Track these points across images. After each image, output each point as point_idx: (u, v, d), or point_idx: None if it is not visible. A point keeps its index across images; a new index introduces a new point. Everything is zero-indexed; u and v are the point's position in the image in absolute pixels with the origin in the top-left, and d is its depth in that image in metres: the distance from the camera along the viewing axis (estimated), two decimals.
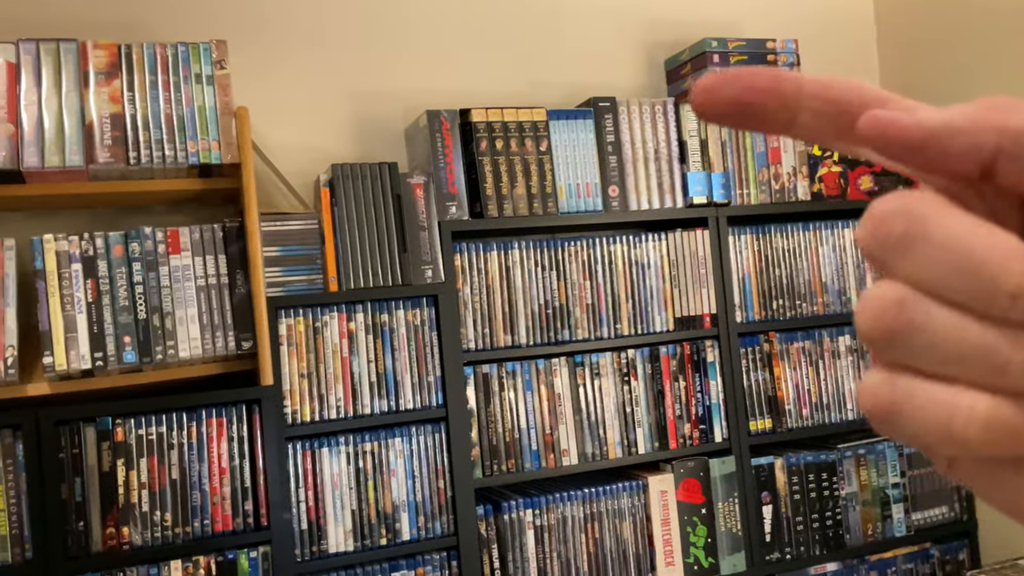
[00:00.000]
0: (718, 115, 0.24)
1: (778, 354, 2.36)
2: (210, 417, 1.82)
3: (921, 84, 2.68)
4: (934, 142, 0.22)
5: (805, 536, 2.33)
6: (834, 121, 0.24)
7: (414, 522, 2.00)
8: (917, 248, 0.21)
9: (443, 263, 2.06)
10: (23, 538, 1.70)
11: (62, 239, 1.79)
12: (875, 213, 0.22)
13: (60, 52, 1.80)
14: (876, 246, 0.22)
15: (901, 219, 0.22)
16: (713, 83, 0.24)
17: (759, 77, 0.24)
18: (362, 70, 2.30)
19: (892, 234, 0.22)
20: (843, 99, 0.24)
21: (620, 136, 2.25)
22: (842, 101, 0.24)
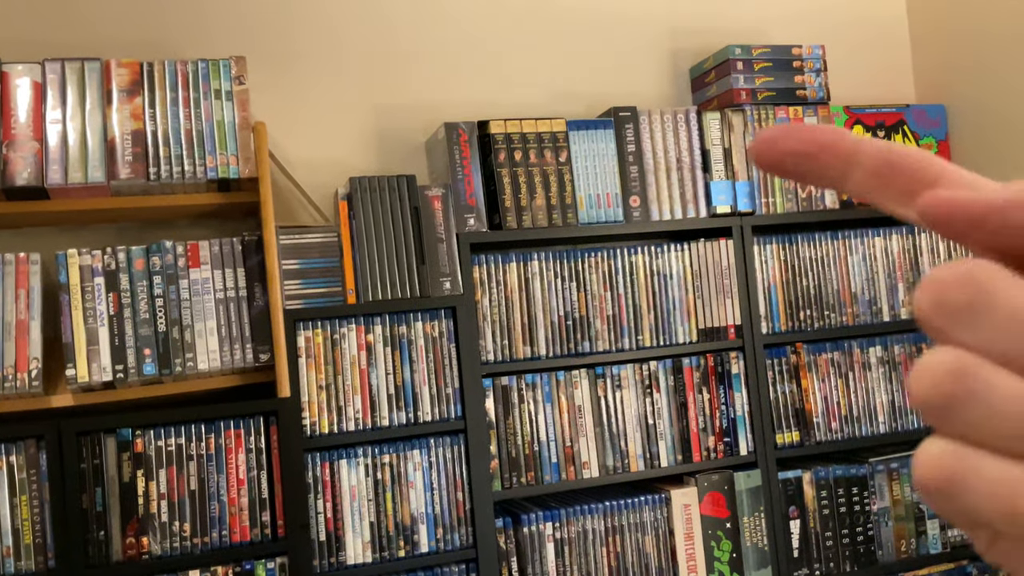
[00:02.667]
0: (776, 164, 0.25)
1: (806, 365, 2.31)
2: (228, 429, 1.84)
3: (956, 90, 2.62)
4: (995, 216, 0.22)
5: (835, 552, 2.27)
6: (889, 184, 0.24)
7: (433, 534, 2.00)
8: (983, 318, 0.21)
9: (461, 275, 2.06)
10: (46, 546, 1.74)
11: (85, 253, 1.82)
12: (938, 280, 0.22)
13: (85, 71, 1.85)
14: (939, 314, 0.22)
15: (968, 288, 0.21)
16: (776, 135, 0.25)
17: (821, 133, 0.25)
18: (381, 83, 2.32)
19: (957, 303, 0.21)
20: (901, 164, 0.24)
21: (641, 146, 2.24)
22: (900, 166, 0.24)
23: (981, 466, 0.21)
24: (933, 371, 0.21)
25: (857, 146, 0.25)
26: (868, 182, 0.25)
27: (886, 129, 2.49)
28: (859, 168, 0.25)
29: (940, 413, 0.21)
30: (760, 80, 2.36)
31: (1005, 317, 0.21)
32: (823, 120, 2.40)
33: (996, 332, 0.21)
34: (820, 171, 0.25)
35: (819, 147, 0.25)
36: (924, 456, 0.22)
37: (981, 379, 0.21)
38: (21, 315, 1.78)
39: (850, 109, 2.46)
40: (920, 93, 2.75)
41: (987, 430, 0.21)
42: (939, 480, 0.21)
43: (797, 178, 0.26)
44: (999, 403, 0.21)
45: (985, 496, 0.21)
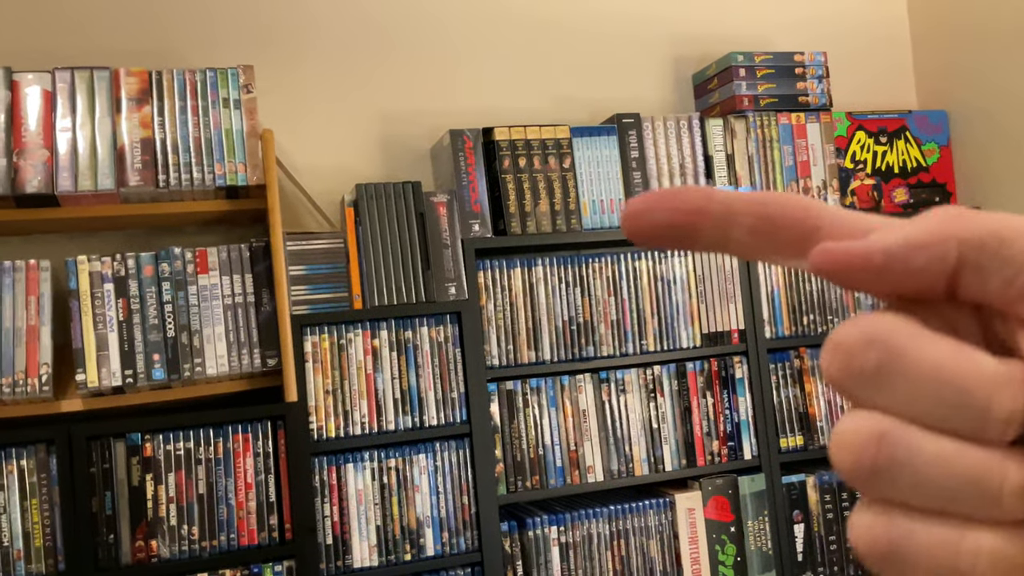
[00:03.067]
0: (649, 239, 0.24)
1: (809, 370, 2.33)
2: (236, 433, 1.86)
3: (958, 95, 2.63)
4: (896, 263, 0.21)
5: (839, 556, 2.28)
6: (771, 238, 0.23)
7: (438, 538, 2.01)
8: (895, 380, 0.20)
9: (466, 280, 2.08)
10: (56, 550, 1.76)
11: (95, 260, 1.85)
12: (842, 344, 0.21)
13: (94, 80, 1.87)
14: (849, 381, 0.21)
15: (873, 351, 0.20)
16: (640, 208, 0.23)
17: (686, 198, 0.23)
18: (387, 91, 2.34)
19: (865, 368, 0.20)
20: (779, 216, 0.23)
21: (644, 152, 2.25)
22: (778, 218, 0.23)
23: (916, 531, 0.21)
24: (852, 439, 0.21)
25: (728, 205, 0.23)
26: (749, 241, 0.23)
27: (888, 135, 2.50)
28: (736, 228, 0.23)
29: (865, 482, 0.21)
30: (762, 87, 2.37)
31: (917, 377, 0.20)
32: (825, 126, 2.42)
33: (910, 393, 0.20)
34: (695, 238, 0.23)
35: (688, 214, 0.23)
36: (856, 528, 0.21)
37: (902, 444, 0.20)
38: (32, 321, 1.81)
39: (852, 115, 2.47)
40: (922, 99, 2.77)
41: (916, 495, 0.21)
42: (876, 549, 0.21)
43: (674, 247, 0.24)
44: (922, 467, 0.20)
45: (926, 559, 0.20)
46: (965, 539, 0.20)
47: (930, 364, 0.20)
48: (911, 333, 0.21)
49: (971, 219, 0.21)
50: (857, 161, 2.47)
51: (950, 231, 0.21)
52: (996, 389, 0.20)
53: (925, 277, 0.21)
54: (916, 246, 0.21)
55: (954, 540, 0.20)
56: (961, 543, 0.20)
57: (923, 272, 0.21)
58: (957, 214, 0.21)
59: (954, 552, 0.20)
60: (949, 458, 0.20)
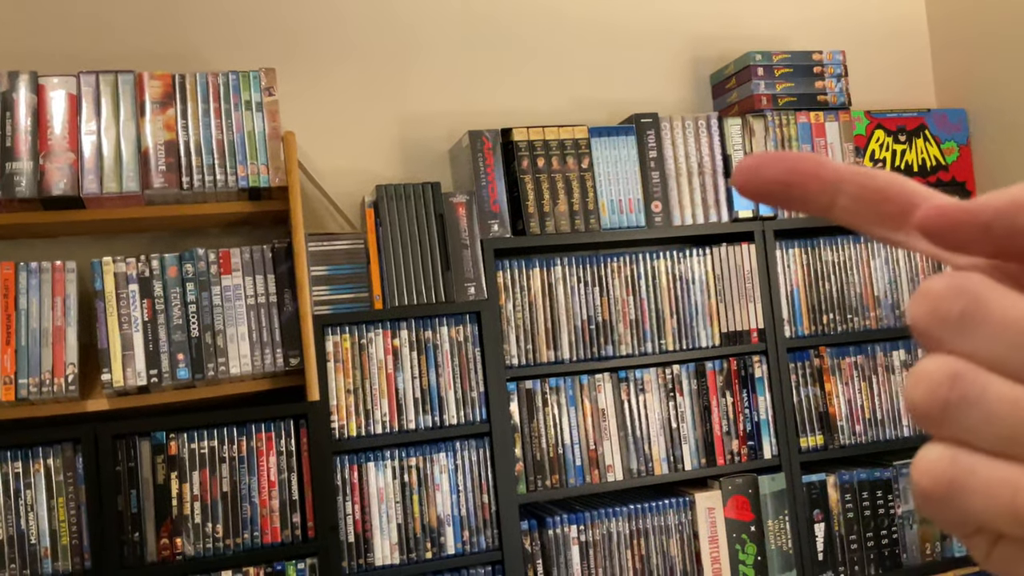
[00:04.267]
0: (760, 193, 0.25)
1: (829, 369, 2.32)
2: (259, 432, 1.88)
3: (977, 94, 2.62)
4: (1004, 220, 0.22)
5: (860, 555, 2.28)
6: (874, 207, 0.25)
7: (459, 536, 2.02)
8: (977, 326, 0.22)
9: (486, 280, 2.09)
10: (82, 547, 1.78)
11: (120, 261, 1.87)
12: (931, 292, 0.22)
13: (118, 83, 1.89)
14: (935, 325, 0.22)
15: (960, 298, 0.22)
16: (757, 163, 0.25)
17: (802, 160, 0.25)
18: (407, 93, 2.36)
19: (951, 313, 0.22)
20: (884, 188, 0.25)
21: (663, 152, 2.26)
22: (883, 190, 0.25)
23: (979, 468, 0.21)
24: (929, 378, 0.22)
25: (839, 173, 0.25)
26: (853, 208, 0.25)
27: (907, 134, 2.50)
28: (843, 195, 0.25)
29: (936, 419, 0.22)
30: (781, 86, 2.37)
31: (997, 325, 0.21)
32: (844, 125, 2.41)
33: (989, 340, 0.21)
34: (805, 198, 0.25)
35: (802, 175, 0.25)
36: (922, 462, 0.22)
37: (976, 384, 0.21)
38: (58, 322, 1.83)
39: (871, 114, 2.47)
40: (941, 97, 2.76)
41: (983, 434, 0.21)
42: (938, 485, 0.22)
43: (781, 205, 0.26)
44: (994, 406, 0.21)
45: (984, 498, 0.21)
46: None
47: (1011, 313, 0.21)
48: (998, 288, 0.22)
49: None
50: (876, 160, 2.46)
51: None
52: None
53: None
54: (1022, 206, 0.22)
55: (1015, 479, 0.21)
56: (1021, 482, 0.21)
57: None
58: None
59: (1013, 491, 0.21)
60: (1019, 401, 0.21)
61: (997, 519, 0.21)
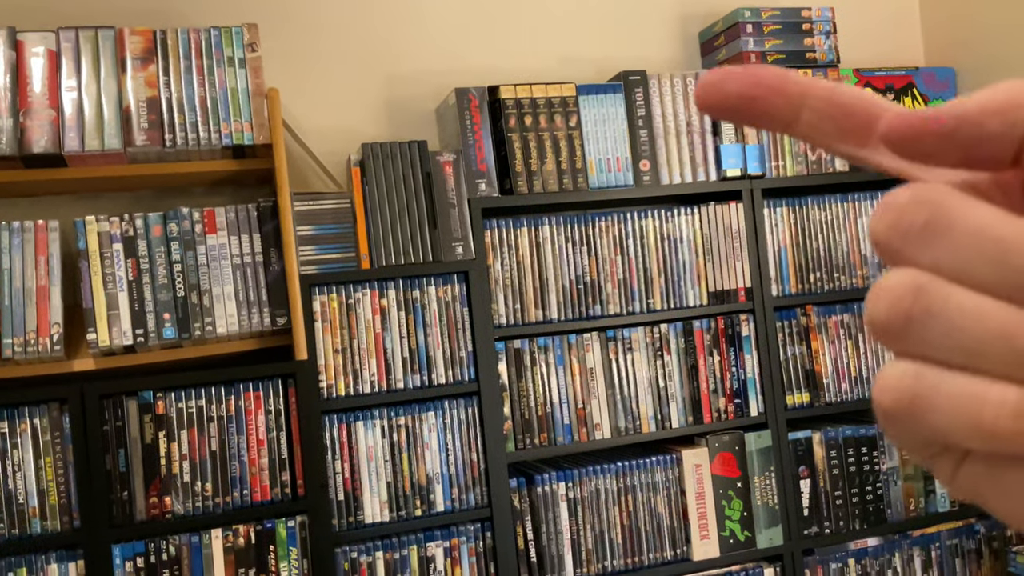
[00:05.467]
0: (721, 108, 0.24)
1: (816, 327, 2.33)
2: (247, 391, 1.88)
3: (966, 52, 2.61)
4: (969, 127, 0.21)
5: (845, 511, 2.31)
6: (838, 123, 0.24)
7: (448, 494, 2.03)
8: (941, 236, 0.21)
9: (473, 240, 2.08)
10: (71, 507, 1.78)
11: (103, 220, 1.85)
12: (894, 203, 0.21)
13: (98, 39, 1.86)
14: (897, 237, 0.21)
15: (924, 208, 0.21)
16: (720, 77, 0.24)
17: (766, 74, 0.24)
18: (392, 50, 2.33)
19: (914, 224, 0.21)
20: (849, 103, 0.24)
21: (651, 110, 2.25)
22: (848, 105, 0.24)
23: (943, 383, 0.21)
24: (890, 291, 0.21)
25: (803, 87, 0.24)
26: (816, 123, 0.24)
27: (895, 92, 2.49)
28: (807, 110, 0.24)
29: (898, 333, 0.21)
30: (769, 43, 2.36)
31: (961, 234, 0.21)
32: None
33: (952, 250, 0.21)
34: (767, 114, 0.24)
35: (766, 89, 0.24)
36: (884, 380, 0.21)
37: (939, 296, 0.21)
38: (41, 281, 1.81)
39: (860, 72, 2.46)
40: (929, 55, 2.75)
41: (946, 347, 0.21)
42: (900, 402, 0.21)
43: (744, 121, 0.25)
44: (957, 318, 0.20)
45: (949, 412, 0.20)
46: (991, 391, 0.20)
47: (977, 223, 0.21)
48: (961, 197, 0.21)
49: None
50: None
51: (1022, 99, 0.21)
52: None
53: (995, 144, 0.22)
54: (991, 111, 0.21)
55: (979, 392, 0.20)
56: (986, 395, 0.20)
57: (995, 138, 0.21)
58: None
59: (979, 403, 0.20)
60: (983, 312, 0.20)
61: (962, 435, 0.20)
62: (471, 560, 2.03)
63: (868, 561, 2.31)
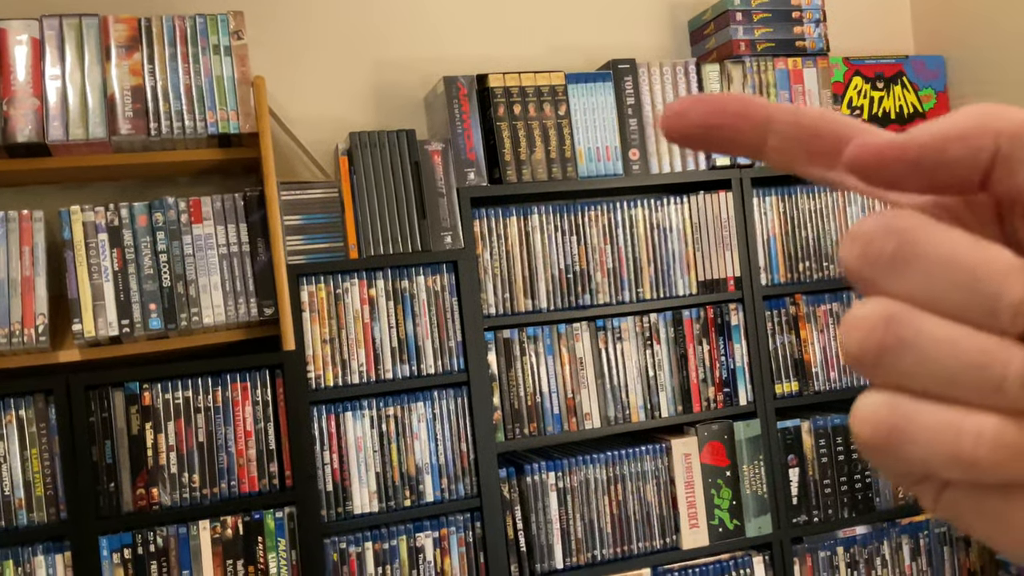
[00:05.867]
0: (687, 137, 0.24)
1: (804, 316, 2.33)
2: (235, 382, 1.87)
3: (955, 41, 2.61)
4: (933, 154, 0.21)
5: (833, 499, 2.31)
6: (805, 146, 0.24)
7: (438, 484, 2.03)
8: (910, 265, 0.21)
9: (462, 229, 2.07)
10: (57, 498, 1.77)
11: (88, 210, 1.83)
12: (862, 232, 0.22)
13: (82, 27, 1.84)
14: (867, 267, 0.21)
15: (892, 237, 0.21)
16: (682, 107, 0.24)
17: (728, 101, 0.24)
18: (380, 39, 2.31)
19: (883, 253, 0.21)
20: (814, 125, 0.24)
21: (640, 98, 2.24)
22: (813, 127, 0.24)
23: (919, 413, 0.21)
24: (863, 322, 0.21)
25: (768, 112, 0.24)
26: (784, 147, 0.24)
27: (885, 80, 2.49)
28: (773, 135, 0.24)
29: (872, 364, 0.21)
30: (759, 31, 2.35)
31: (931, 262, 0.21)
32: (822, 71, 2.40)
33: (923, 279, 0.21)
34: (733, 140, 0.24)
35: (730, 116, 0.24)
36: (861, 411, 0.22)
37: (911, 325, 0.21)
38: (26, 271, 1.80)
39: (849, 60, 2.45)
40: (919, 44, 2.74)
41: (920, 377, 0.21)
42: (878, 434, 0.21)
43: (711, 149, 0.25)
44: (930, 348, 0.20)
45: (926, 444, 0.21)
46: (967, 421, 0.20)
47: (946, 250, 0.21)
48: (930, 224, 0.21)
49: (1008, 113, 0.21)
50: (854, 107, 2.45)
51: (988, 124, 0.21)
52: (1008, 276, 0.20)
53: (960, 170, 0.21)
54: (954, 138, 0.21)
55: (956, 422, 0.20)
56: (963, 424, 0.20)
57: (959, 164, 0.21)
58: (994, 109, 0.21)
59: (956, 433, 0.20)
60: (955, 341, 0.20)
61: (940, 465, 0.21)
62: (460, 550, 2.03)
63: (857, 549, 2.32)
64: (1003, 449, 0.20)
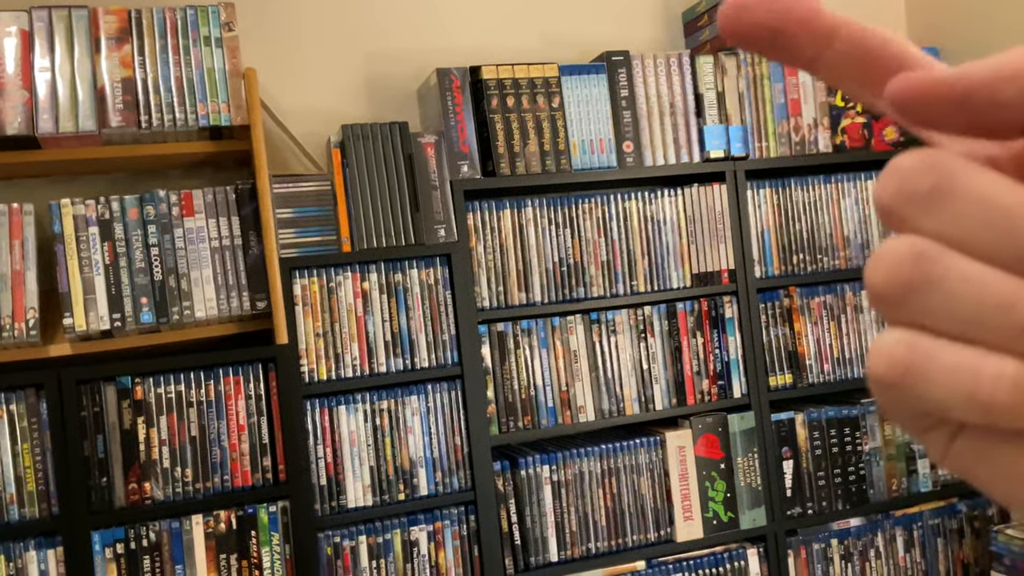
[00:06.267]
0: (746, 37, 0.23)
1: (798, 309, 2.33)
2: (227, 375, 1.86)
3: (949, 32, 2.61)
4: (982, 93, 0.21)
5: (827, 491, 2.31)
6: (860, 67, 0.23)
7: (432, 477, 2.03)
8: (946, 203, 0.20)
9: (456, 222, 2.07)
10: (49, 494, 1.76)
11: (79, 203, 1.82)
12: (900, 168, 0.21)
13: (72, 19, 1.83)
14: (902, 202, 0.21)
15: (930, 174, 0.20)
16: (747, 3, 0.23)
17: (796, 5, 0.23)
18: (373, 30, 2.30)
19: (919, 189, 0.21)
20: (876, 46, 0.23)
21: (634, 90, 2.23)
22: (875, 50, 0.23)
23: (939, 353, 0.20)
24: (891, 257, 0.21)
25: (834, 23, 0.23)
26: (839, 63, 0.23)
27: None
28: (832, 49, 0.23)
29: (896, 300, 0.21)
30: None
31: (967, 202, 0.20)
32: None
33: (957, 218, 0.20)
34: (791, 48, 0.23)
35: (794, 22, 0.23)
36: (879, 348, 0.21)
37: (940, 263, 0.20)
38: (16, 265, 1.79)
39: None
40: (913, 36, 2.74)
41: (944, 316, 0.20)
42: (895, 370, 0.21)
43: (766, 53, 0.23)
44: (957, 287, 0.20)
45: (943, 383, 0.20)
46: (988, 363, 0.20)
47: (984, 191, 0.20)
48: (966, 164, 0.21)
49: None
50: (848, 99, 2.45)
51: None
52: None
53: (1008, 112, 0.21)
54: (1006, 77, 0.20)
55: (976, 363, 0.20)
56: (983, 366, 0.20)
57: (1008, 106, 0.21)
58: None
59: (975, 375, 0.20)
60: (984, 281, 0.20)
61: (957, 406, 0.20)
62: (455, 544, 2.03)
63: (851, 541, 2.32)
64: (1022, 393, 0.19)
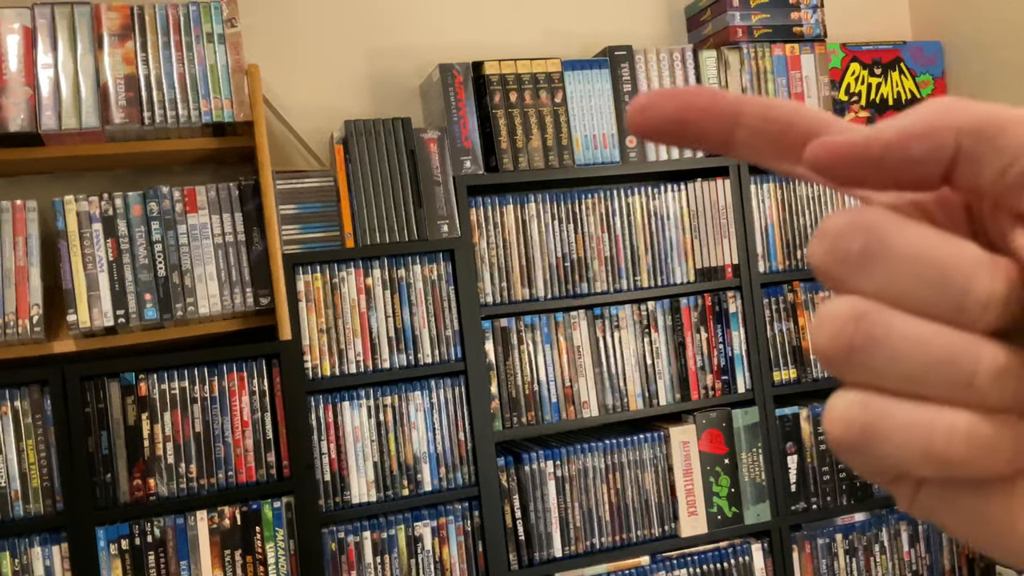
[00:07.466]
0: (655, 132, 0.24)
1: (802, 303, 2.33)
2: (231, 371, 1.86)
3: (953, 26, 2.60)
4: (895, 153, 0.21)
5: (832, 486, 2.31)
6: (773, 141, 0.24)
7: (436, 473, 2.03)
8: (878, 262, 0.21)
9: (459, 218, 2.06)
10: (54, 490, 1.76)
11: (82, 200, 1.82)
12: (830, 230, 0.21)
13: (74, 15, 1.83)
14: (834, 264, 0.21)
15: (860, 234, 0.21)
16: (650, 101, 0.24)
17: (696, 95, 0.24)
18: (375, 26, 2.30)
19: (851, 251, 0.21)
20: (783, 119, 0.23)
21: (637, 85, 2.22)
22: (782, 121, 0.23)
23: (891, 411, 0.21)
24: (832, 320, 0.21)
25: (737, 106, 0.23)
26: (752, 141, 0.24)
27: (882, 67, 2.48)
28: (741, 128, 0.23)
29: (842, 362, 0.21)
30: (756, 17, 2.34)
31: (899, 259, 0.20)
32: (820, 58, 2.38)
33: (891, 276, 0.21)
34: (701, 135, 0.24)
35: (697, 111, 0.23)
36: (832, 410, 0.21)
37: (880, 323, 0.20)
38: (20, 262, 1.79)
39: (847, 46, 2.44)
40: (917, 30, 2.73)
41: (891, 374, 0.21)
42: (850, 433, 0.21)
43: (678, 143, 0.24)
44: (900, 345, 0.20)
45: (899, 441, 0.20)
46: (940, 418, 0.20)
47: (914, 246, 0.21)
48: (898, 221, 0.21)
49: (969, 108, 0.21)
50: (851, 93, 2.44)
51: (948, 120, 0.21)
52: (975, 271, 0.20)
53: (923, 168, 0.21)
54: (915, 135, 0.21)
55: (929, 419, 0.20)
56: (935, 421, 0.20)
57: (921, 162, 0.21)
58: (954, 103, 0.21)
59: (928, 431, 0.20)
60: (925, 338, 0.20)
61: (914, 463, 0.20)
62: (459, 539, 2.03)
63: (855, 536, 2.32)
64: (976, 445, 0.20)
